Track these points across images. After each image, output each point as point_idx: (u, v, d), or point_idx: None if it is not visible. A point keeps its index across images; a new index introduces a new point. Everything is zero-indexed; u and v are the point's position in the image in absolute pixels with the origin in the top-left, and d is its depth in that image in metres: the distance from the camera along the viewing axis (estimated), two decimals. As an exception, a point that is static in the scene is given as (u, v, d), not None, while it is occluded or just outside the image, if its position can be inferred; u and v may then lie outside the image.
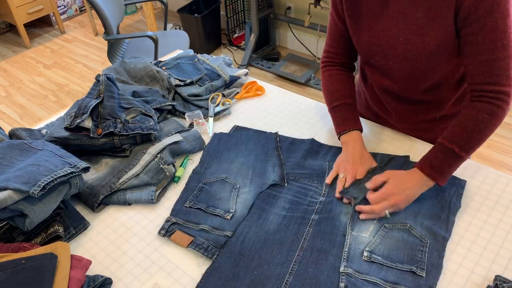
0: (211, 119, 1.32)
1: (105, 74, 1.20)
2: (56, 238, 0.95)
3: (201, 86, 1.40)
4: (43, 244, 0.92)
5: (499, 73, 0.91)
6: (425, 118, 1.18)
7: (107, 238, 0.99)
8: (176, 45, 2.52)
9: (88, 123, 1.13)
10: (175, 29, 3.82)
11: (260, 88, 1.45)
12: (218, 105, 1.36)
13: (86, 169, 0.99)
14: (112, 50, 2.54)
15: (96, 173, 1.11)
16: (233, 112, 1.37)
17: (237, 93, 1.43)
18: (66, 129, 1.13)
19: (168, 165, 1.11)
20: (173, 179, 1.12)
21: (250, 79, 1.50)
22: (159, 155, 1.11)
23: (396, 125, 1.25)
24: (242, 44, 3.66)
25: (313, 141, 1.20)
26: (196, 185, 1.09)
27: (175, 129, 1.24)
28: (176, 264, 0.92)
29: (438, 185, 0.96)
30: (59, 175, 0.92)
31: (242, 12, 3.60)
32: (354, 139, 1.10)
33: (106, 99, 1.16)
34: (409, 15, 0.97)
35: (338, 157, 1.11)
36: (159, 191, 1.08)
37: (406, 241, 0.91)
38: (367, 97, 1.28)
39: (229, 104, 1.37)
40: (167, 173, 1.10)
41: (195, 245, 0.94)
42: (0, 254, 0.83)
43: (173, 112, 1.35)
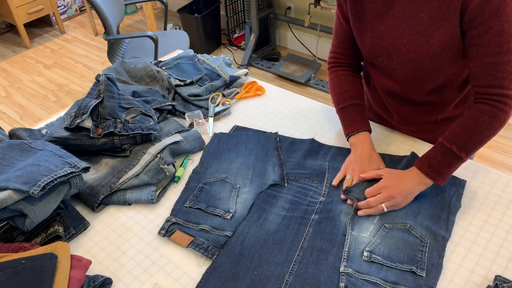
0: (211, 119, 1.32)
1: (105, 74, 1.20)
2: (56, 238, 0.95)
3: (201, 86, 1.40)
4: (43, 244, 0.92)
5: (503, 76, 0.91)
6: (427, 120, 1.18)
7: (107, 238, 0.99)
8: (176, 45, 2.53)
9: (88, 123, 1.13)
10: (175, 29, 3.82)
11: (260, 88, 1.45)
12: (218, 105, 1.36)
13: (86, 169, 0.99)
14: (112, 50, 2.54)
15: (96, 173, 1.11)
16: (233, 112, 1.37)
17: (237, 93, 1.43)
18: (66, 129, 1.13)
19: (168, 165, 1.11)
20: (173, 179, 1.12)
21: (250, 79, 1.50)
22: (159, 155, 1.11)
23: (398, 126, 1.25)
24: (242, 44, 3.66)
25: (313, 141, 1.20)
26: (196, 185, 1.09)
27: (175, 129, 1.24)
28: (176, 264, 0.92)
29: (437, 184, 0.97)
30: (59, 175, 0.92)
31: (242, 12, 3.60)
32: (363, 140, 1.10)
33: (106, 99, 1.16)
34: (414, 16, 0.97)
35: (347, 158, 1.10)
36: (159, 191, 1.08)
37: (406, 241, 0.91)
38: (369, 98, 1.28)
39: (229, 104, 1.37)
40: (167, 173, 1.10)
41: (195, 245, 0.94)
42: (0, 254, 0.83)
43: (173, 112, 1.35)
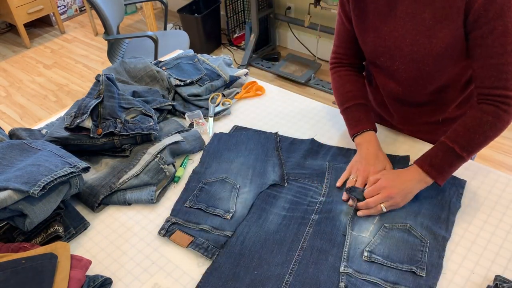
0: (211, 119, 1.32)
1: (105, 74, 1.20)
2: (56, 238, 0.95)
3: (201, 86, 1.40)
4: (43, 244, 0.92)
5: (507, 77, 0.90)
6: (428, 120, 1.18)
7: (107, 238, 0.99)
8: (176, 45, 2.52)
9: (88, 123, 1.13)
10: (175, 29, 3.82)
11: (260, 88, 1.45)
12: (218, 105, 1.36)
13: (86, 169, 0.99)
14: (112, 50, 2.54)
15: (96, 173, 1.11)
16: (233, 112, 1.37)
17: (237, 93, 1.43)
18: (66, 129, 1.13)
19: (168, 165, 1.11)
20: (173, 179, 1.12)
21: (250, 79, 1.50)
22: (159, 155, 1.11)
23: (398, 126, 1.24)
24: (242, 44, 3.66)
25: (313, 141, 1.20)
26: (196, 185, 1.09)
27: (175, 129, 1.24)
28: (176, 264, 0.92)
29: (437, 184, 0.96)
30: (59, 175, 0.92)
31: (242, 12, 3.60)
32: (368, 140, 1.09)
33: (106, 99, 1.16)
34: (417, 16, 0.96)
35: (353, 158, 1.09)
36: (159, 191, 1.08)
37: (406, 241, 0.91)
38: (371, 99, 1.28)
39: (229, 104, 1.37)
40: (167, 173, 1.10)
41: (195, 245, 0.94)
42: (0, 254, 0.83)
43: (173, 112, 1.35)
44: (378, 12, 1.02)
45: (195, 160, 1.19)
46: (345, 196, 1.02)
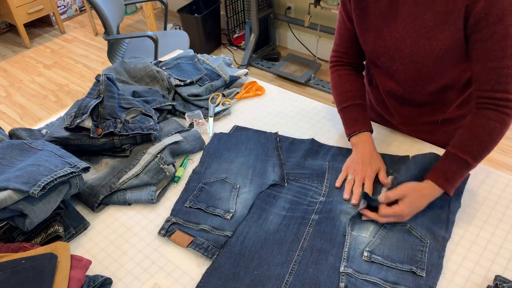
0: (211, 119, 1.32)
1: (105, 74, 1.20)
2: (56, 238, 0.95)
3: (201, 86, 1.40)
4: (43, 244, 0.92)
5: (507, 81, 0.90)
6: (428, 120, 1.18)
7: (107, 238, 0.99)
8: (176, 45, 2.52)
9: (88, 123, 1.13)
10: (175, 29, 3.82)
11: (260, 88, 1.45)
12: (218, 105, 1.36)
13: (86, 169, 0.99)
14: (112, 50, 2.54)
15: (96, 173, 1.11)
16: (233, 112, 1.36)
17: (237, 93, 1.43)
18: (66, 129, 1.13)
19: (168, 165, 1.11)
20: (173, 179, 1.12)
21: (250, 79, 1.50)
22: (159, 155, 1.11)
23: (398, 126, 1.24)
24: (242, 44, 3.66)
25: (313, 141, 1.20)
26: (196, 185, 1.09)
27: (175, 129, 1.24)
28: (176, 264, 0.92)
29: (447, 195, 0.95)
30: (59, 175, 0.92)
31: (242, 12, 3.60)
32: (364, 140, 1.10)
33: (106, 99, 1.16)
34: (418, 17, 0.96)
35: (347, 158, 1.10)
36: (159, 191, 1.08)
37: (406, 241, 0.91)
38: (371, 98, 1.28)
39: (229, 104, 1.37)
40: (167, 173, 1.10)
41: (195, 245, 0.94)
42: (0, 254, 0.83)
43: (173, 112, 1.35)
44: (379, 12, 1.02)
45: (195, 160, 1.19)
46: (346, 196, 1.02)
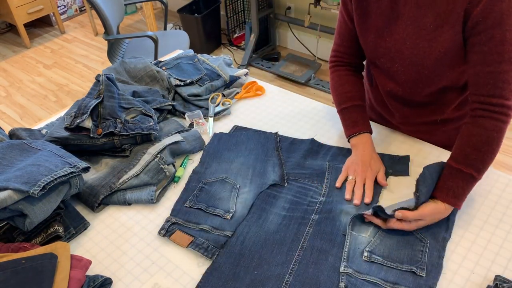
0: (211, 119, 1.32)
1: (105, 74, 1.20)
2: (56, 238, 0.95)
3: (201, 86, 1.40)
4: (43, 244, 0.92)
5: (503, 86, 0.90)
6: (427, 121, 1.18)
7: (107, 238, 0.99)
8: (176, 45, 2.53)
9: (88, 123, 1.13)
10: (175, 29, 3.82)
11: (260, 88, 1.45)
12: (218, 105, 1.36)
13: (86, 169, 0.99)
14: (112, 50, 2.54)
15: (96, 173, 1.11)
16: (233, 112, 1.36)
17: (237, 93, 1.43)
18: (66, 129, 1.13)
19: (168, 165, 1.11)
20: (173, 179, 1.12)
21: (250, 79, 1.50)
22: (159, 155, 1.11)
23: (398, 126, 1.25)
24: (242, 44, 3.66)
25: (313, 141, 1.20)
26: (196, 185, 1.09)
27: (175, 129, 1.24)
28: (176, 264, 0.92)
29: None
30: (59, 175, 0.92)
31: (242, 12, 3.60)
32: (364, 141, 1.10)
33: (106, 99, 1.16)
34: (418, 20, 0.96)
35: (347, 159, 1.10)
36: (159, 191, 1.08)
37: (406, 241, 0.91)
38: (371, 98, 1.28)
39: (229, 104, 1.37)
40: (167, 173, 1.10)
41: (195, 245, 0.94)
42: (0, 254, 0.83)
43: (173, 112, 1.35)
44: (380, 13, 1.02)
45: (195, 160, 1.19)
46: (348, 196, 1.02)
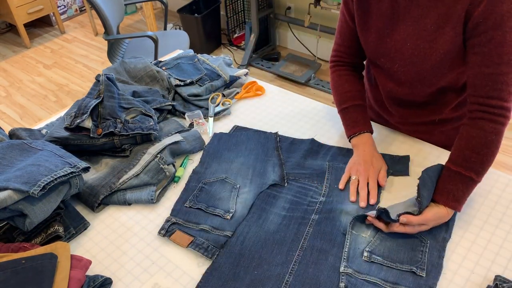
0: (211, 119, 1.32)
1: (105, 74, 1.20)
2: (56, 238, 0.95)
3: (201, 86, 1.40)
4: (43, 244, 0.92)
5: (502, 87, 0.90)
6: (425, 121, 1.18)
7: (107, 238, 0.99)
8: (176, 45, 2.53)
9: (88, 123, 1.13)
10: (175, 29, 3.82)
11: (260, 88, 1.45)
12: (218, 105, 1.36)
13: (86, 169, 0.99)
14: (112, 50, 2.54)
15: (96, 173, 1.11)
16: (233, 112, 1.36)
17: (237, 93, 1.43)
18: (66, 129, 1.13)
19: (168, 165, 1.11)
20: (173, 179, 1.12)
21: (250, 79, 1.50)
22: (159, 155, 1.11)
23: (397, 126, 1.25)
24: (242, 44, 3.66)
25: (313, 141, 1.20)
26: (196, 185, 1.09)
27: (175, 129, 1.24)
28: (176, 264, 0.92)
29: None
30: (59, 175, 0.92)
31: (242, 12, 3.60)
32: (365, 141, 1.10)
33: (106, 99, 1.16)
34: (419, 20, 0.96)
35: (349, 161, 1.10)
36: (159, 191, 1.08)
37: (406, 241, 0.91)
38: (370, 97, 1.28)
39: (229, 104, 1.37)
40: (167, 173, 1.10)
41: (195, 245, 0.94)
42: (0, 254, 0.83)
43: (173, 112, 1.35)
44: (381, 14, 1.02)
45: (195, 160, 1.19)
46: (353, 197, 1.02)
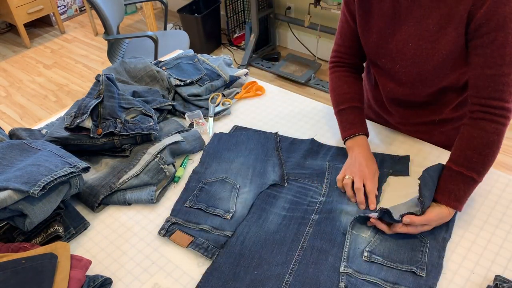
0: (211, 119, 1.32)
1: (105, 74, 1.20)
2: (56, 238, 0.95)
3: (201, 86, 1.40)
4: (43, 244, 0.92)
5: (503, 88, 0.90)
6: (425, 121, 1.18)
7: (107, 238, 0.99)
8: (176, 45, 2.53)
9: (88, 123, 1.13)
10: (175, 29, 3.82)
11: (260, 88, 1.45)
12: (218, 105, 1.36)
13: (86, 169, 0.99)
14: (112, 50, 2.54)
15: (96, 173, 1.11)
16: (233, 112, 1.36)
17: (237, 93, 1.43)
18: (66, 129, 1.13)
19: (168, 165, 1.11)
20: (173, 179, 1.12)
21: (250, 79, 1.50)
22: (159, 155, 1.11)
23: (397, 126, 1.24)
24: (242, 44, 3.66)
25: (313, 141, 1.20)
26: (196, 185, 1.09)
27: (175, 129, 1.24)
28: (176, 264, 0.92)
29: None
30: (59, 175, 0.92)
31: (242, 12, 3.60)
32: (360, 144, 1.09)
33: (106, 99, 1.16)
34: (422, 21, 0.96)
35: (344, 164, 1.09)
36: (159, 191, 1.08)
37: (406, 241, 0.91)
38: (369, 97, 1.28)
39: (229, 104, 1.37)
40: (167, 173, 1.10)
41: (195, 245, 0.94)
42: (0, 254, 0.83)
43: (173, 112, 1.35)
44: (383, 14, 1.01)
45: (195, 160, 1.19)
46: (353, 199, 1.01)
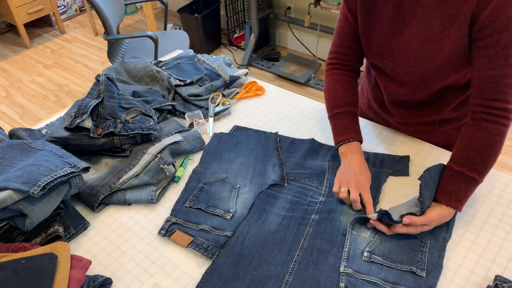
0: (211, 119, 1.32)
1: (105, 74, 1.20)
2: (56, 238, 0.95)
3: (201, 86, 1.40)
4: (43, 244, 0.92)
5: (506, 90, 0.90)
6: (426, 121, 1.18)
7: (107, 238, 0.99)
8: (176, 45, 2.53)
9: (88, 123, 1.13)
10: (175, 29, 3.82)
11: (260, 88, 1.45)
12: (218, 105, 1.36)
13: (86, 169, 0.99)
14: (112, 50, 2.54)
15: (96, 173, 1.11)
16: (233, 112, 1.36)
17: (237, 93, 1.43)
18: (66, 129, 1.13)
19: (168, 165, 1.11)
20: (173, 179, 1.12)
21: (250, 79, 1.50)
22: (159, 155, 1.11)
23: (397, 126, 1.24)
24: (242, 44, 3.66)
25: (313, 141, 1.20)
26: (196, 185, 1.09)
27: (175, 129, 1.24)
28: (176, 264, 0.92)
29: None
30: (59, 175, 0.92)
31: (242, 12, 3.60)
32: (353, 150, 1.07)
33: (106, 99, 1.16)
34: (425, 21, 0.95)
35: (337, 171, 1.06)
36: (159, 191, 1.08)
37: (406, 241, 0.91)
38: (369, 97, 1.28)
39: (229, 104, 1.37)
40: (167, 173, 1.10)
41: (195, 245, 0.94)
42: (0, 254, 0.83)
43: (173, 112, 1.35)
44: (386, 14, 1.01)
45: (195, 160, 1.19)
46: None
